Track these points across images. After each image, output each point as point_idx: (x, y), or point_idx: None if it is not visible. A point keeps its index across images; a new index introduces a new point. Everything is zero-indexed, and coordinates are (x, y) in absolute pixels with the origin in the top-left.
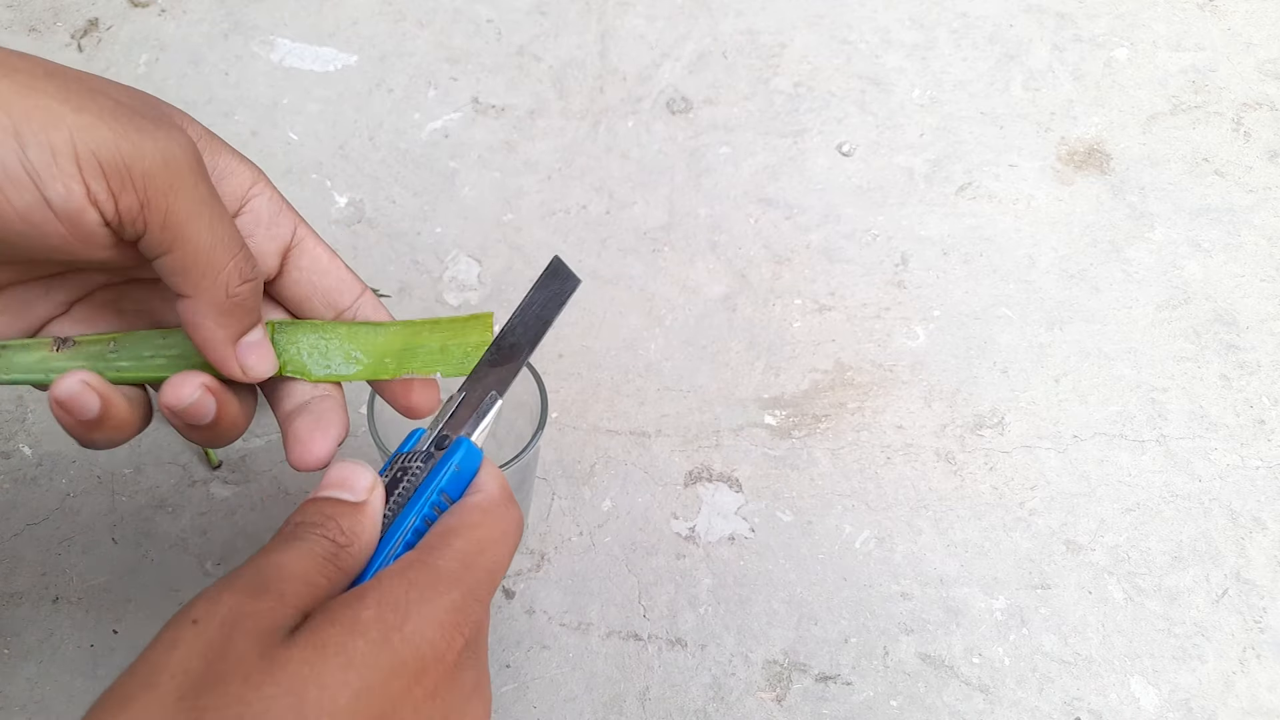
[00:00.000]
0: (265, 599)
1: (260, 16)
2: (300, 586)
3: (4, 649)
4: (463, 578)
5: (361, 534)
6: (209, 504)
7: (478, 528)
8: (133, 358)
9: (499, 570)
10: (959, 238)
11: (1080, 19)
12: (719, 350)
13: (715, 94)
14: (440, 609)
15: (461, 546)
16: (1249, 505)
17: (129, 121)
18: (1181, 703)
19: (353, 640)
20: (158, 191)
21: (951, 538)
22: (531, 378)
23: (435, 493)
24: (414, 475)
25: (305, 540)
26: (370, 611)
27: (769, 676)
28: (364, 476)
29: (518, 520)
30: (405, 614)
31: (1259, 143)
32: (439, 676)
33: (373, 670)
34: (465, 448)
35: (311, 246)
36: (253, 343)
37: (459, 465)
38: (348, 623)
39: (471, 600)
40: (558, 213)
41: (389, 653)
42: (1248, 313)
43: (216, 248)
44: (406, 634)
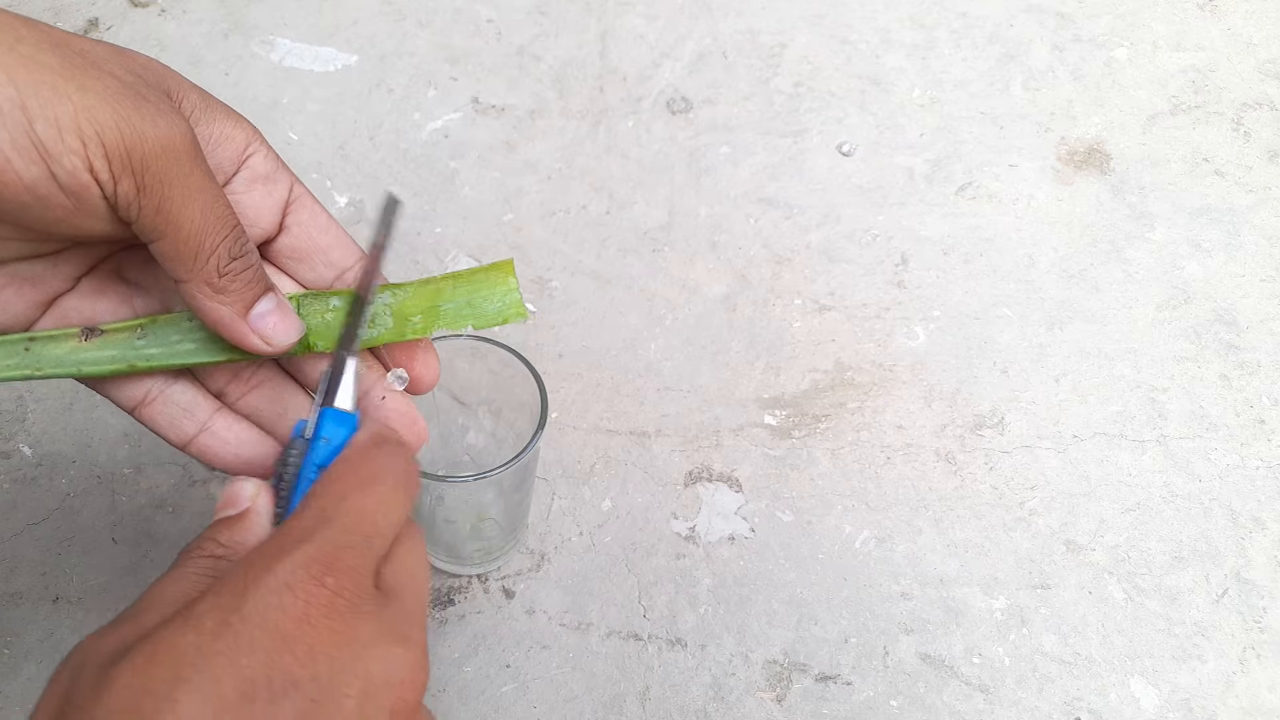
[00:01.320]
0: (118, 630)
1: (260, 16)
2: (166, 607)
3: (4, 649)
4: (315, 531)
5: (244, 541)
6: (209, 504)
7: (337, 480)
8: (161, 344)
9: (372, 511)
10: (959, 238)
11: (1080, 19)
12: (719, 350)
13: (715, 94)
14: (284, 571)
15: (317, 505)
16: (1249, 505)
17: (130, 103)
18: (1181, 703)
19: (183, 637)
20: (154, 178)
21: (951, 538)
22: (531, 378)
23: (312, 469)
24: (293, 461)
25: (181, 564)
26: (204, 603)
27: (769, 676)
28: (245, 487)
29: (392, 461)
30: (243, 592)
31: (1259, 143)
32: (315, 636)
33: (212, 658)
34: (329, 417)
35: (310, 204)
36: (265, 312)
37: (327, 436)
38: (179, 622)
39: (333, 549)
40: (558, 213)
41: (230, 637)
42: (1248, 313)
43: (205, 232)
44: (247, 610)
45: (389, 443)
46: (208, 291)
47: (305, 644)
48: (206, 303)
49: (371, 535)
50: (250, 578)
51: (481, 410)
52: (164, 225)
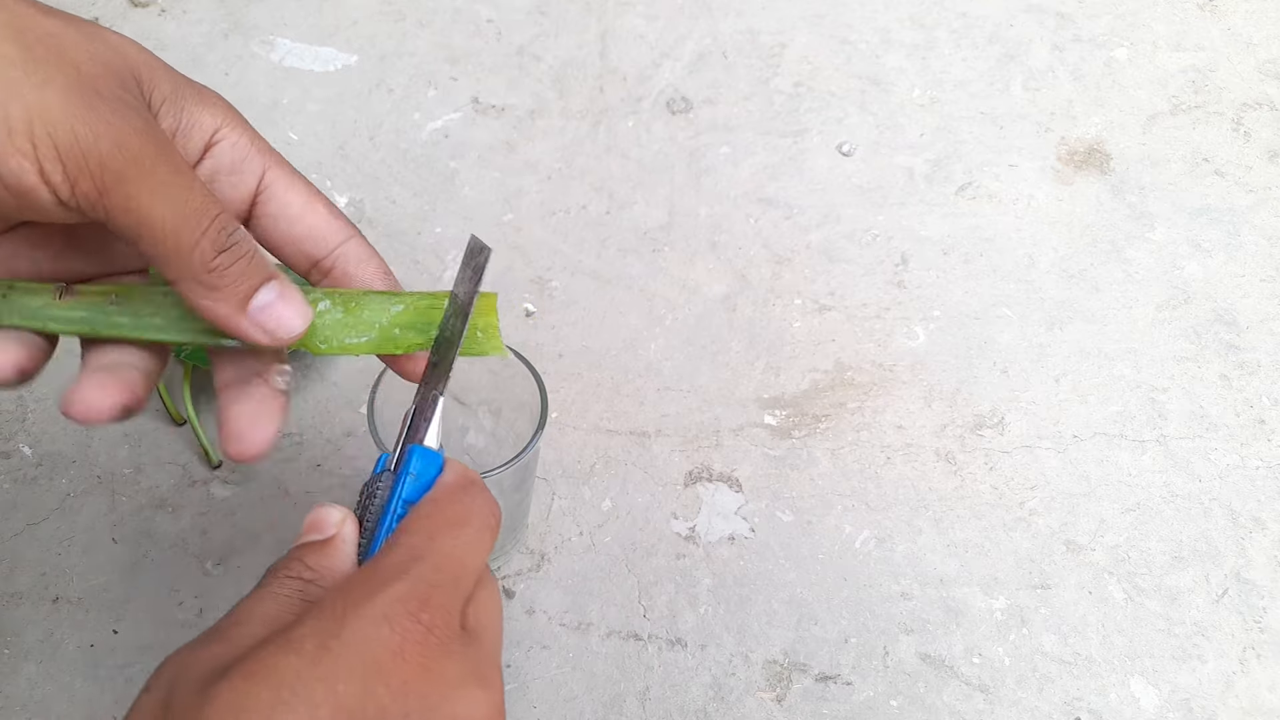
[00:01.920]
0: (211, 646)
1: (260, 16)
2: (258, 627)
3: (4, 649)
4: (410, 568)
5: (331, 566)
6: (209, 504)
7: (427, 519)
8: (131, 314)
9: (460, 553)
10: (959, 238)
11: (1080, 19)
12: (719, 350)
13: (715, 94)
14: (382, 604)
15: (409, 541)
16: (1249, 505)
17: (86, 101)
18: (1181, 703)
19: (284, 659)
20: (115, 178)
21: (951, 538)
22: (531, 378)
23: (400, 504)
24: (380, 494)
25: (270, 584)
26: (304, 628)
27: (769, 676)
28: (331, 514)
29: (477, 503)
30: (342, 620)
31: (1259, 143)
32: (408, 671)
33: (311, 683)
34: (417, 454)
35: (281, 192)
36: (266, 304)
37: (415, 472)
38: (280, 644)
39: (426, 587)
40: (558, 213)
41: (328, 661)
42: (1248, 313)
43: (182, 227)
44: (345, 638)
45: (475, 485)
46: (199, 290)
47: (399, 677)
48: (201, 301)
49: (460, 576)
50: (349, 606)
51: (481, 410)
52: (136, 225)
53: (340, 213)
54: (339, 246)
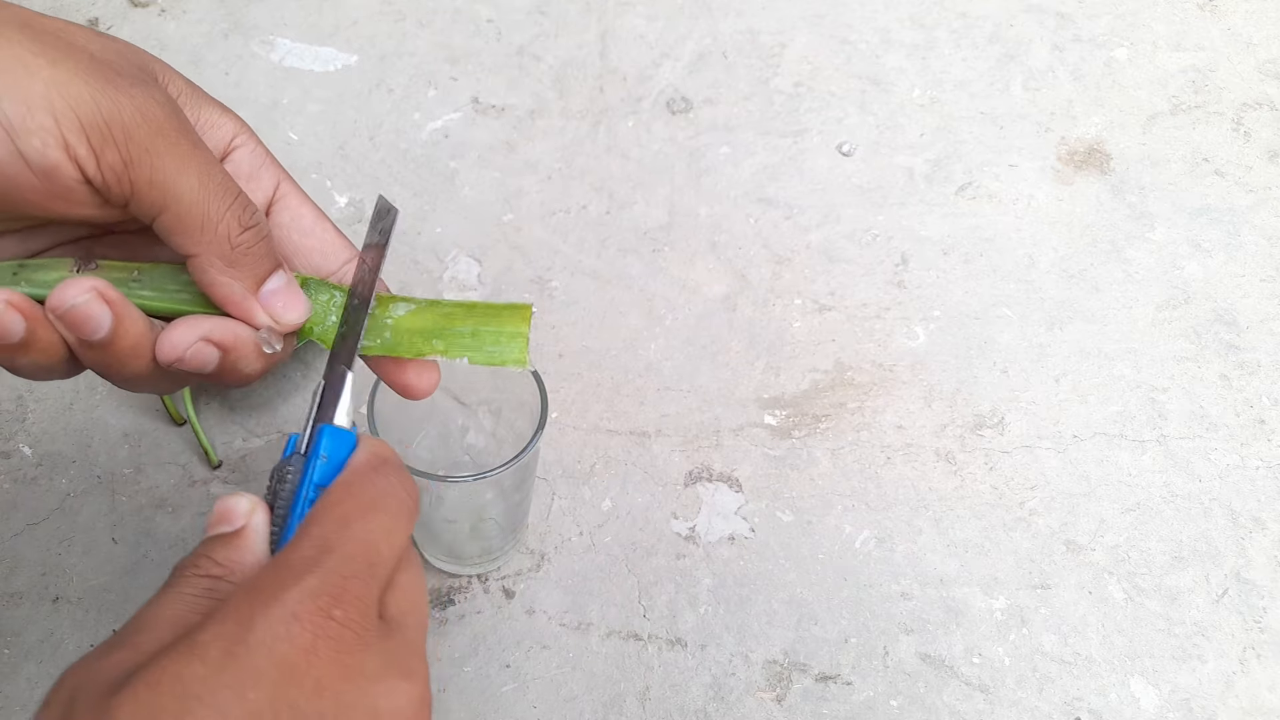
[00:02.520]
0: (114, 654)
1: (260, 16)
2: (164, 631)
3: (4, 649)
4: (320, 561)
5: (240, 559)
6: (209, 504)
7: (337, 505)
8: (156, 288)
9: (374, 539)
10: (959, 238)
11: (1080, 19)
12: (719, 350)
13: (715, 94)
14: (291, 601)
15: (319, 531)
16: (1249, 505)
17: (106, 78)
18: (1181, 703)
19: (189, 666)
20: (140, 148)
21: (951, 538)
22: (531, 378)
23: (310, 488)
24: (290, 479)
25: (176, 583)
26: (208, 631)
27: (769, 676)
28: (239, 503)
29: (392, 484)
30: (249, 621)
31: (1259, 143)
32: (321, 669)
33: (218, 691)
34: (327, 434)
35: (295, 204)
36: (276, 289)
37: (325, 454)
38: (184, 649)
39: (339, 579)
40: (558, 213)
41: (235, 667)
42: (1248, 313)
43: (210, 199)
44: (253, 641)
45: (389, 464)
46: (219, 265)
47: (312, 677)
48: (218, 277)
49: (376, 564)
50: (256, 606)
51: (481, 410)
52: (162, 197)
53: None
54: (346, 264)
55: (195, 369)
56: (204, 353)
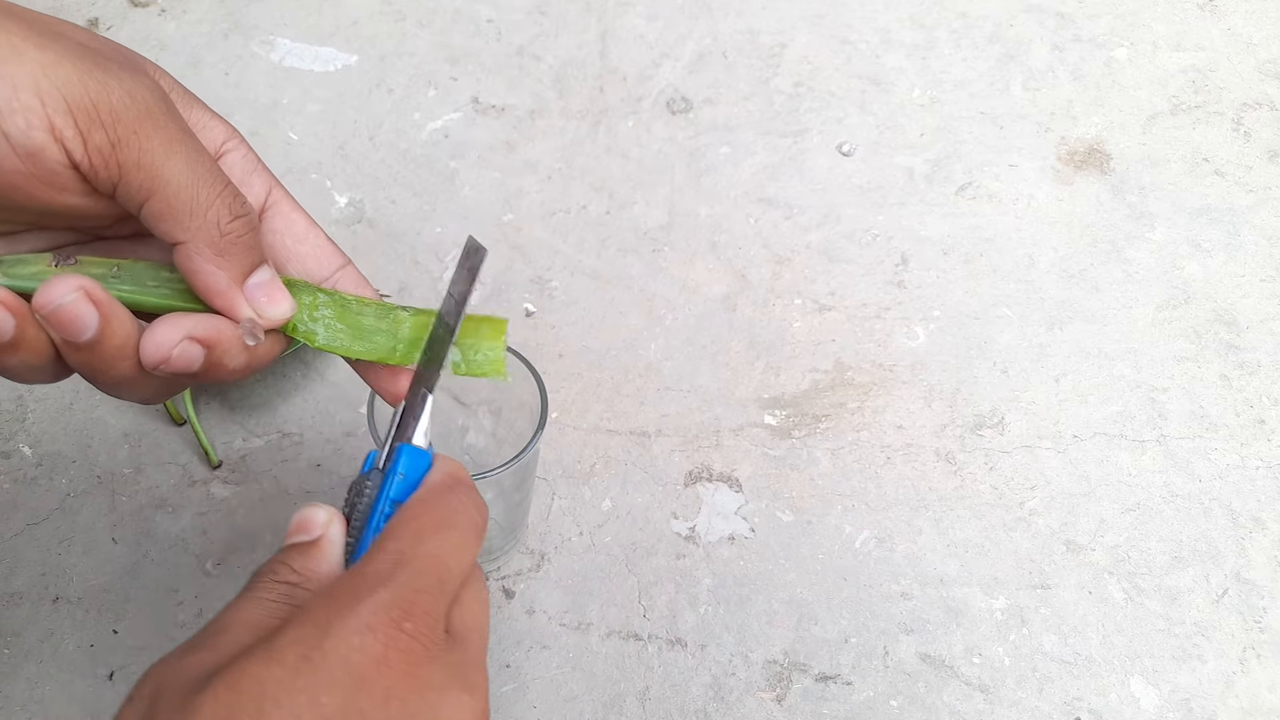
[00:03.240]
0: (194, 654)
1: (260, 16)
2: (243, 634)
3: (4, 649)
4: (394, 574)
5: (317, 568)
6: (209, 504)
7: (412, 521)
8: (136, 283)
9: (445, 556)
10: (959, 238)
11: (1080, 19)
12: (719, 350)
13: (715, 94)
14: (366, 612)
15: (394, 546)
16: (1249, 505)
17: (94, 62)
18: (1181, 703)
19: (267, 669)
20: (128, 129)
21: (951, 538)
22: (531, 378)
23: (387, 503)
24: (369, 494)
25: (255, 589)
26: (286, 637)
27: (769, 676)
28: (317, 514)
29: (464, 504)
30: (325, 629)
31: (1259, 143)
32: (391, 679)
33: (294, 694)
34: (406, 453)
35: (287, 210)
36: (262, 283)
37: (403, 472)
38: (263, 653)
39: (411, 593)
40: (558, 213)
41: (310, 672)
42: (1248, 313)
43: (199, 184)
44: (328, 648)
45: (462, 484)
46: (207, 254)
47: (382, 686)
48: (205, 265)
49: (445, 580)
50: (332, 614)
51: (481, 410)
52: (150, 181)
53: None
54: (338, 270)
55: (181, 369)
56: (189, 352)
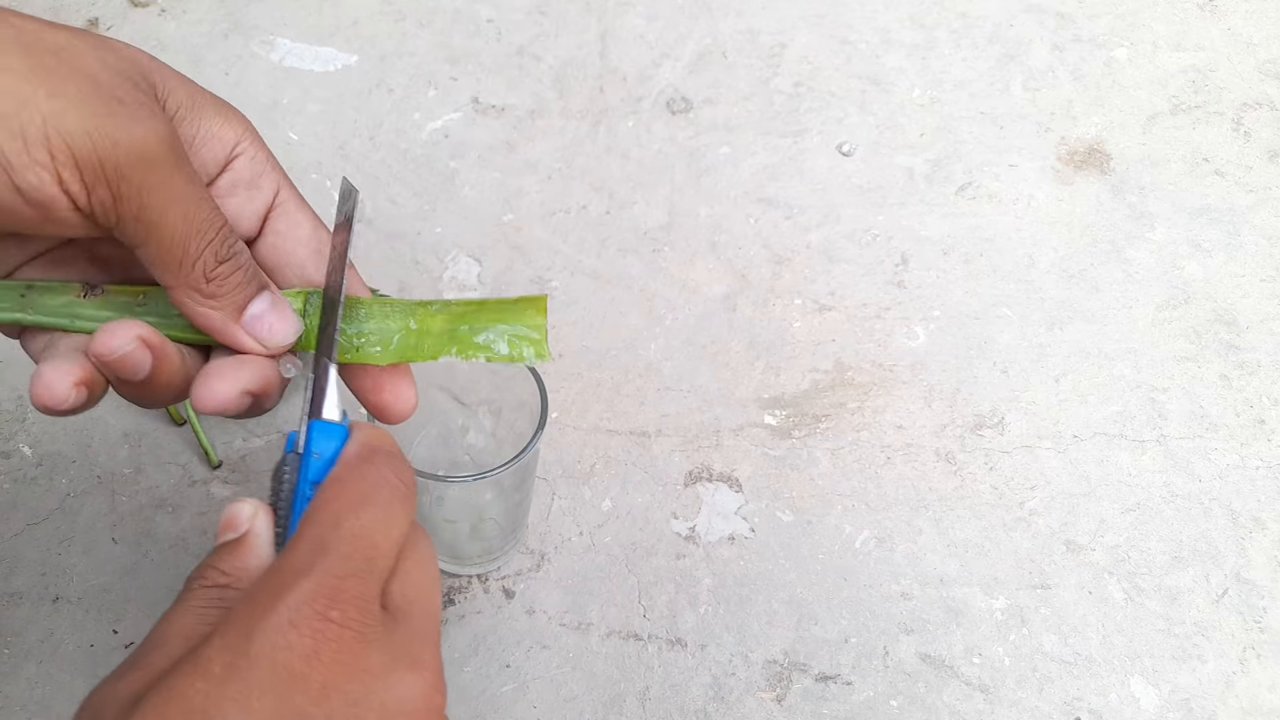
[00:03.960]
0: (128, 675)
1: (260, 16)
2: (175, 647)
3: (4, 649)
4: (314, 563)
5: (246, 566)
6: (209, 504)
7: (329, 503)
8: (159, 314)
9: (369, 533)
10: (959, 238)
11: (1080, 19)
12: (719, 350)
13: (715, 94)
14: (288, 608)
15: (312, 532)
16: (1249, 505)
17: (103, 107)
18: (1181, 703)
19: (193, 684)
20: (131, 186)
21: (951, 538)
22: (531, 378)
23: (306, 486)
24: (288, 478)
25: (186, 597)
26: (211, 646)
27: (769, 676)
28: (242, 509)
29: (383, 474)
30: (248, 632)
31: (1259, 143)
32: (325, 672)
33: (223, 705)
34: (316, 429)
35: (293, 210)
36: (258, 314)
37: (317, 450)
38: (188, 667)
39: (334, 580)
40: (558, 213)
41: (238, 681)
42: (1248, 313)
43: (190, 237)
44: (254, 652)
45: (379, 453)
46: (196, 298)
47: (316, 681)
48: (196, 308)
49: (373, 557)
50: (254, 617)
51: (481, 410)
52: (145, 232)
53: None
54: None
55: (235, 412)
56: (243, 403)
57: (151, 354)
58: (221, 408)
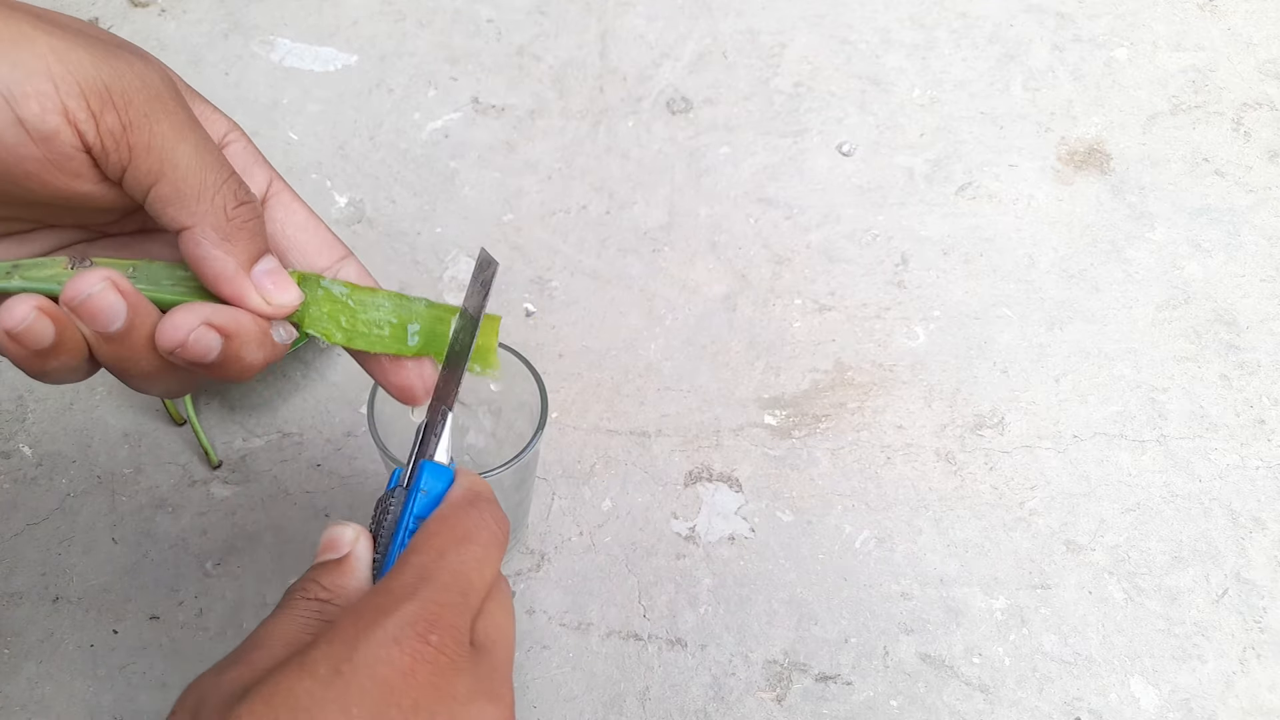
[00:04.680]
0: (232, 669)
1: (260, 16)
2: (278, 649)
3: (4, 649)
4: (418, 589)
5: (346, 585)
6: (209, 504)
7: (434, 536)
8: (151, 282)
9: (467, 570)
10: (959, 238)
11: (1080, 19)
12: (719, 350)
13: (715, 94)
14: (393, 626)
15: (418, 561)
16: (1249, 505)
17: (104, 48)
18: (1181, 703)
19: (300, 683)
20: (140, 112)
21: (951, 538)
22: (532, 378)
23: (411, 519)
24: (393, 510)
25: (288, 606)
26: (318, 650)
27: (769, 676)
28: (345, 532)
29: (485, 518)
30: (353, 643)
31: (1259, 143)
32: (418, 690)
33: (325, 705)
34: (427, 470)
35: (289, 200)
36: (269, 270)
37: (425, 488)
38: (296, 667)
39: (435, 607)
40: (558, 213)
41: (340, 685)
42: (1248, 313)
43: (206, 169)
44: (358, 661)
45: (482, 499)
46: (213, 237)
47: (410, 697)
48: (212, 250)
49: (468, 592)
50: (360, 629)
51: (481, 410)
52: (159, 164)
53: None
54: (340, 261)
55: (198, 357)
56: (205, 338)
57: (124, 300)
58: (183, 340)
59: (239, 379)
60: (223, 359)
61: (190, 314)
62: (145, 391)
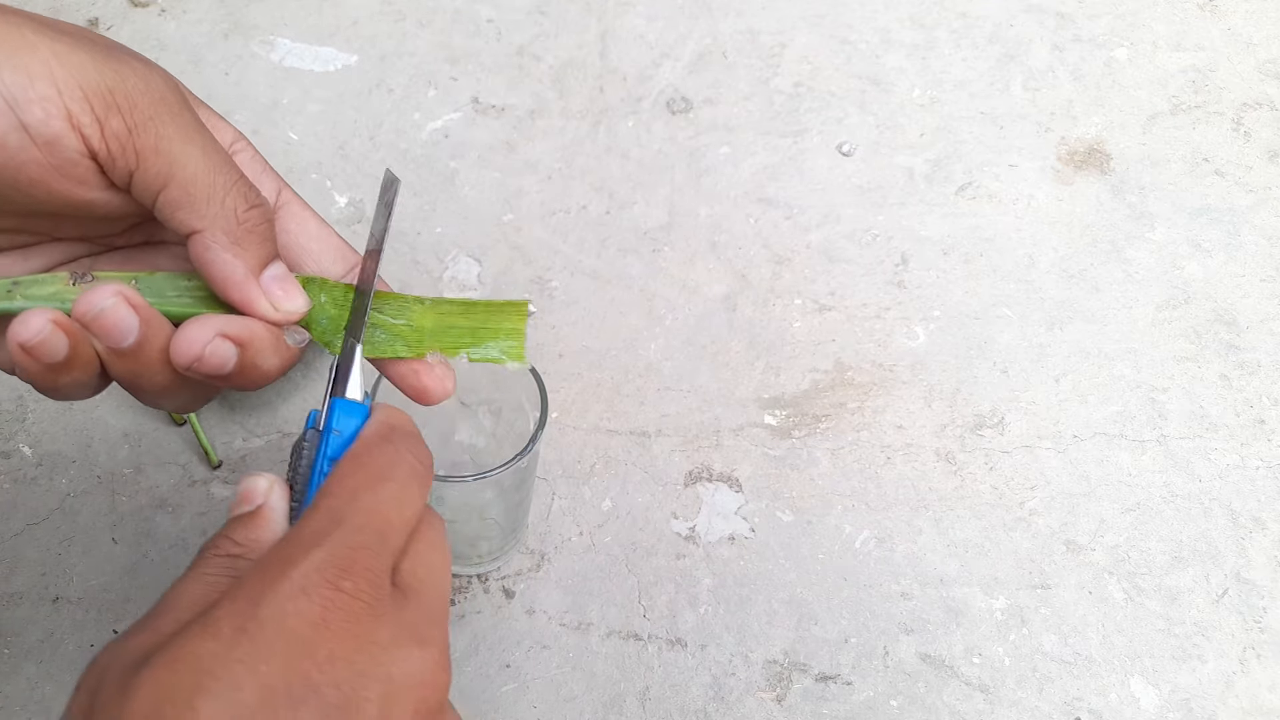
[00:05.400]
0: (138, 636)
1: (260, 16)
2: (185, 612)
3: (4, 649)
4: (329, 533)
5: (259, 538)
6: (209, 504)
7: (347, 477)
8: (156, 295)
9: (384, 509)
10: (959, 238)
11: (1080, 19)
12: (719, 350)
13: (715, 94)
14: (300, 575)
15: (328, 504)
16: (1249, 505)
17: (106, 54)
18: (1181, 703)
19: (202, 644)
20: (145, 115)
21: (951, 538)
22: (531, 378)
23: (325, 462)
24: (307, 454)
25: (198, 565)
26: (221, 609)
27: (769, 676)
28: (258, 483)
29: (401, 453)
30: (258, 597)
31: (1259, 143)
32: (333, 640)
33: (231, 666)
34: (338, 407)
35: (299, 209)
36: (277, 275)
37: (338, 428)
38: (198, 628)
39: (347, 551)
40: (558, 213)
41: (247, 642)
42: (1248, 313)
43: (215, 171)
44: (263, 616)
45: (398, 432)
46: (224, 241)
47: (324, 649)
48: (221, 254)
49: (386, 533)
50: (265, 582)
51: (481, 410)
52: (167, 167)
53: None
54: (354, 268)
55: (215, 369)
56: (221, 350)
57: (137, 314)
58: (199, 355)
59: (255, 387)
60: (239, 369)
61: (204, 327)
62: (158, 406)
